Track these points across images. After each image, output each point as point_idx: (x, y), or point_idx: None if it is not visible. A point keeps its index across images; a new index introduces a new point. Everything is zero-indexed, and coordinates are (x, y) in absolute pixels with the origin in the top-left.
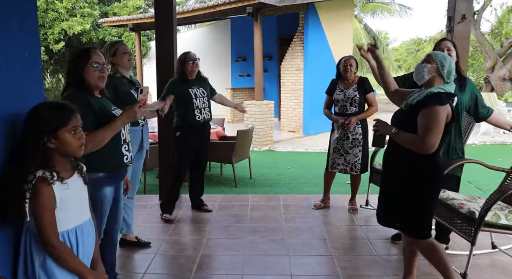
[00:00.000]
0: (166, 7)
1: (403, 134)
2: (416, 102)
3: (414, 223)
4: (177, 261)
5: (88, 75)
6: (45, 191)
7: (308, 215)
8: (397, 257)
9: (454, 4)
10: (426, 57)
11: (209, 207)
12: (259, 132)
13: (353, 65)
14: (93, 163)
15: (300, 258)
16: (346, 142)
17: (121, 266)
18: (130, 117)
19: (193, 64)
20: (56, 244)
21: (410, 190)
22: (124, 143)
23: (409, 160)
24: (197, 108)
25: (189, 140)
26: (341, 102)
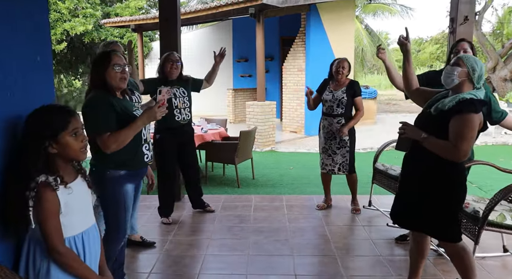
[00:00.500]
0: (170, 7)
1: (433, 139)
2: (448, 108)
3: (444, 227)
4: (182, 260)
5: (110, 77)
6: (48, 197)
7: (311, 216)
8: (401, 257)
9: (456, 5)
10: (456, 60)
11: (212, 208)
12: (261, 132)
13: (346, 68)
14: (115, 161)
15: (304, 258)
16: (333, 142)
17: (127, 266)
18: (150, 117)
19: (172, 65)
20: (62, 250)
21: (439, 195)
22: (145, 143)
23: (439, 165)
24: (176, 107)
25: (169, 143)
26: (329, 102)
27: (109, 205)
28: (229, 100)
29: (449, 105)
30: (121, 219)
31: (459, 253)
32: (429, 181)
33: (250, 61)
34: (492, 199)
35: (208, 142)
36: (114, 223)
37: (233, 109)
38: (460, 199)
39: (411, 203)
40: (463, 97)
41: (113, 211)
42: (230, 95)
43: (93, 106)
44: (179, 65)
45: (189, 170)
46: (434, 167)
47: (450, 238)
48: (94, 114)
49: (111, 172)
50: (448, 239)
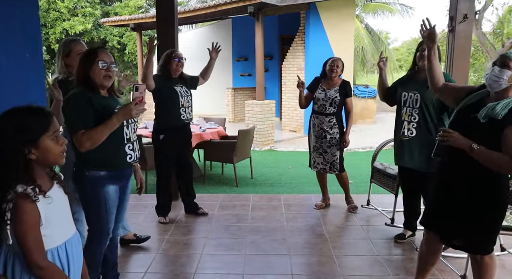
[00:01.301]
0: (167, 6)
1: (484, 151)
2: (502, 117)
3: (484, 239)
4: (179, 260)
5: (94, 73)
6: (27, 209)
7: (309, 215)
8: (399, 257)
9: (455, 4)
10: (505, 60)
11: (205, 210)
12: (260, 131)
13: (340, 67)
14: (94, 161)
15: (301, 258)
16: (324, 141)
17: (122, 266)
18: (126, 115)
19: (178, 62)
20: (43, 265)
21: (489, 209)
22: (128, 142)
23: (486, 177)
24: (182, 106)
25: (174, 142)
26: (321, 101)
27: (90, 206)
28: (228, 99)
29: (502, 114)
30: (102, 221)
31: (486, 262)
32: (473, 192)
33: (250, 60)
34: None
35: (206, 141)
36: (96, 225)
37: (233, 108)
38: (505, 210)
39: (451, 216)
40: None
41: (94, 213)
42: (229, 94)
43: (70, 103)
44: (183, 62)
45: (185, 170)
46: (480, 178)
47: (487, 251)
48: (70, 111)
49: (91, 173)
50: (485, 253)
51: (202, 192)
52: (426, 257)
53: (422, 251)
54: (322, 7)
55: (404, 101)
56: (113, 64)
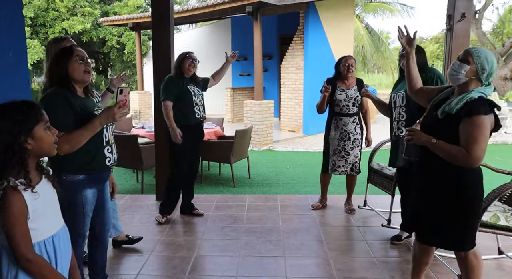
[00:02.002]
0: (163, 5)
1: (444, 145)
2: (456, 110)
3: (463, 237)
4: (171, 262)
5: (73, 69)
6: (15, 201)
7: (306, 216)
8: (395, 259)
9: (453, 3)
10: (465, 55)
11: (200, 211)
12: (259, 131)
13: (354, 65)
14: (72, 165)
15: (296, 260)
16: (347, 143)
17: (115, 268)
18: (108, 118)
19: (191, 62)
20: (31, 258)
21: (458, 204)
22: (107, 145)
23: (454, 173)
24: (196, 105)
25: (188, 140)
26: (343, 102)
27: (66, 210)
28: (227, 98)
29: (457, 108)
30: (79, 225)
31: (471, 259)
32: (449, 190)
33: (249, 59)
34: (485, 199)
35: (203, 141)
36: (73, 228)
37: (232, 108)
38: (480, 204)
39: (430, 217)
40: (471, 97)
41: (71, 217)
42: (228, 94)
43: (47, 103)
44: (196, 64)
45: (193, 169)
46: (451, 174)
47: (467, 248)
48: (48, 112)
49: (69, 177)
50: (464, 249)
51: (199, 193)
52: (419, 257)
53: (415, 251)
54: (321, 7)
55: (394, 102)
56: (88, 59)
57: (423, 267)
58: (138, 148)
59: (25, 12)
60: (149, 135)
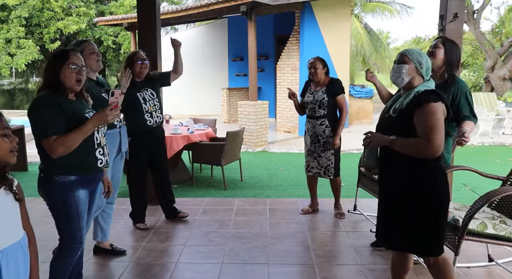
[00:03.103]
0: (148, 4)
1: (402, 140)
2: (406, 104)
3: (429, 240)
4: (152, 269)
5: (64, 76)
6: None
7: (294, 221)
8: (381, 266)
9: (446, 3)
10: (400, 57)
11: (185, 213)
12: (253, 132)
13: (319, 67)
14: (64, 166)
15: (280, 267)
16: (317, 145)
17: (93, 275)
18: (101, 120)
19: (142, 65)
20: None
21: (420, 204)
22: (98, 147)
23: (414, 170)
24: (147, 112)
25: (141, 146)
26: (310, 104)
27: (60, 214)
28: (223, 99)
29: (407, 102)
30: (75, 228)
31: (440, 265)
32: (410, 190)
33: (246, 60)
34: (472, 207)
35: (194, 143)
36: (68, 233)
37: (228, 108)
38: (444, 204)
39: (396, 220)
40: (418, 91)
41: (66, 220)
42: (224, 94)
43: (39, 107)
44: (147, 64)
45: (159, 175)
46: (410, 173)
47: (433, 253)
48: (40, 115)
49: (60, 178)
50: (433, 253)
51: (189, 195)
52: (398, 263)
53: (393, 260)
54: (317, 7)
55: None
56: (83, 67)
57: (403, 275)
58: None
59: (20, 12)
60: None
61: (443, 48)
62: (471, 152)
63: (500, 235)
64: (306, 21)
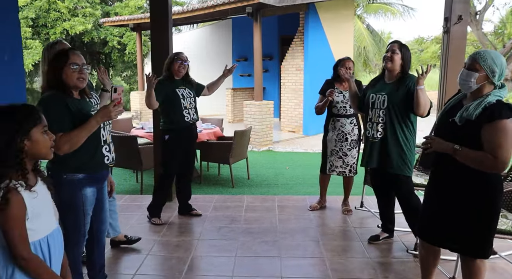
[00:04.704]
0: (161, 6)
1: (467, 151)
2: (476, 117)
3: (481, 242)
4: (168, 262)
5: (66, 76)
6: (15, 203)
7: (303, 217)
8: (389, 259)
9: (450, 5)
10: (472, 63)
11: (198, 212)
12: (258, 132)
13: (351, 68)
14: (72, 164)
15: (292, 260)
16: (344, 143)
17: (112, 267)
18: (104, 117)
19: (181, 64)
20: (27, 256)
21: (478, 209)
22: (104, 144)
23: (473, 177)
24: (185, 108)
25: (179, 143)
26: (340, 103)
27: (67, 210)
28: (228, 99)
29: (476, 114)
30: (80, 224)
31: (480, 267)
32: (466, 197)
33: (250, 60)
34: None
35: (202, 142)
36: (73, 228)
37: (232, 108)
38: (499, 210)
39: (450, 222)
40: (489, 102)
41: (72, 217)
42: (229, 94)
43: (46, 106)
44: (186, 65)
45: (188, 171)
46: (472, 180)
47: (485, 255)
48: (46, 114)
49: (68, 176)
50: (483, 255)
51: (197, 193)
52: (427, 259)
53: (422, 255)
54: (321, 8)
55: (372, 103)
56: (84, 65)
57: (432, 269)
58: (137, 148)
59: (27, 13)
60: (149, 135)
61: (400, 53)
62: None
63: (501, 229)
64: (310, 22)
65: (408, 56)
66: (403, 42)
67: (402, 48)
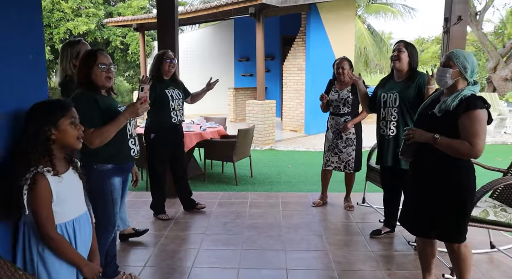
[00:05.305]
0: (167, 6)
1: (446, 140)
2: (453, 107)
3: (458, 227)
4: (177, 255)
5: (95, 76)
6: (42, 186)
7: (306, 212)
8: (391, 252)
9: (450, 6)
10: (446, 60)
11: (202, 204)
12: (261, 131)
13: (346, 67)
14: (102, 155)
15: (296, 253)
16: (339, 141)
17: (122, 260)
18: (132, 113)
19: (170, 63)
20: (53, 236)
21: (453, 195)
22: (130, 138)
23: (450, 164)
24: (173, 110)
25: (164, 142)
26: (335, 102)
27: (97, 199)
28: (230, 99)
29: (453, 105)
30: (109, 212)
31: (462, 252)
32: (447, 183)
33: (252, 60)
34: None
35: (206, 140)
36: (103, 217)
37: (234, 108)
38: (473, 197)
39: (427, 210)
40: (465, 95)
41: (102, 205)
42: (231, 94)
43: (77, 104)
44: (175, 63)
45: (178, 169)
46: (446, 168)
47: (461, 239)
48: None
49: (98, 166)
50: (459, 240)
51: (201, 190)
52: (424, 250)
53: (420, 246)
54: (323, 9)
55: (384, 102)
56: (112, 65)
57: (431, 259)
58: (142, 147)
59: None
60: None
61: (406, 51)
62: None
63: (500, 222)
64: (312, 22)
65: (414, 53)
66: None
67: (408, 47)
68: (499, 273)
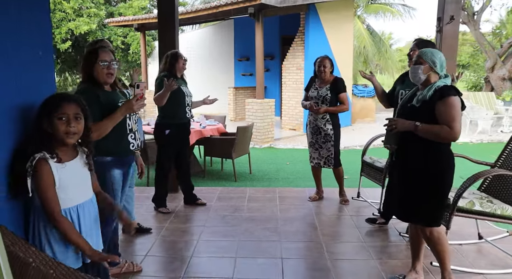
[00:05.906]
0: (168, 6)
1: (426, 126)
2: (429, 97)
3: (433, 212)
4: (177, 245)
5: (97, 72)
6: (43, 170)
7: (302, 206)
8: (383, 243)
9: (443, 6)
10: (417, 59)
11: (203, 201)
12: (260, 129)
13: (327, 66)
14: (103, 148)
15: (291, 244)
16: (318, 137)
17: (124, 249)
18: (128, 110)
19: (184, 62)
20: (57, 218)
21: (432, 180)
22: (130, 132)
23: (430, 151)
24: (188, 105)
25: (177, 137)
26: (314, 99)
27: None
28: (230, 98)
29: (429, 95)
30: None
31: (435, 237)
32: (426, 168)
33: (252, 60)
34: (461, 187)
35: (206, 138)
36: None
37: (234, 107)
38: (449, 183)
39: (405, 194)
40: (438, 85)
41: None
42: (231, 93)
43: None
44: (186, 63)
45: (183, 164)
46: (427, 154)
47: (437, 222)
48: None
49: (98, 158)
50: (434, 224)
51: (201, 186)
52: (417, 236)
53: (412, 232)
54: (322, 9)
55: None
56: (113, 62)
57: (421, 246)
58: (144, 144)
59: None
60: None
61: (418, 50)
62: (468, 148)
63: (485, 212)
64: (311, 22)
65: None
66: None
67: (420, 45)
68: (486, 263)
